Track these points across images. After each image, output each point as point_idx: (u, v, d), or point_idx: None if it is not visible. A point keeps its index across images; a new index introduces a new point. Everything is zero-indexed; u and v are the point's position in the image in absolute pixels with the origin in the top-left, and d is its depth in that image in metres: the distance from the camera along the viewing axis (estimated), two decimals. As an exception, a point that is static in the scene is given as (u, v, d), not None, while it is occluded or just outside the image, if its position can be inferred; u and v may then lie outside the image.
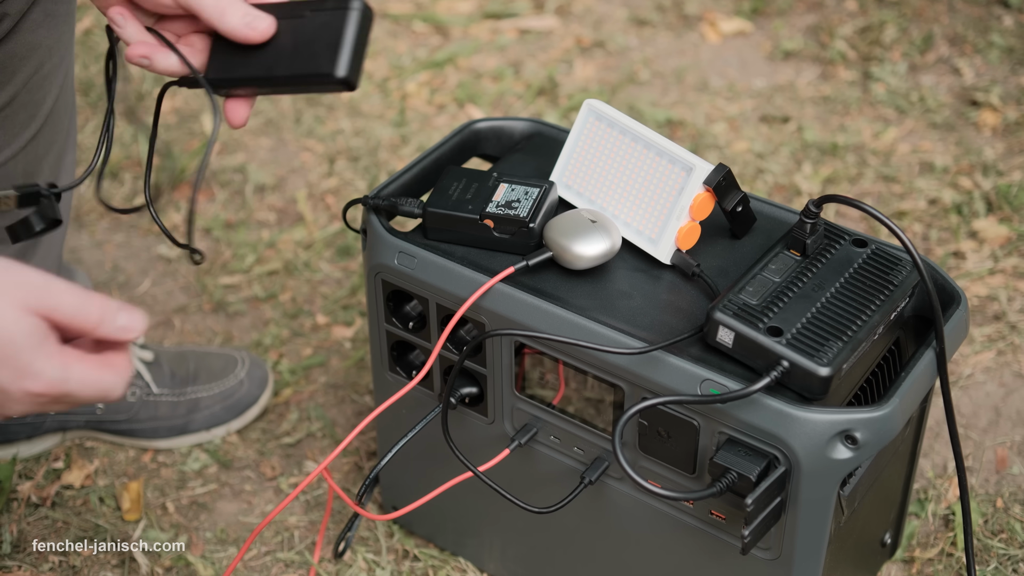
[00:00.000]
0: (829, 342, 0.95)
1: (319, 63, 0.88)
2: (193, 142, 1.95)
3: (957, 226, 1.72)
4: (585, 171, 1.12)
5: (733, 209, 1.07)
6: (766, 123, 1.97)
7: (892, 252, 1.04)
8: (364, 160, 1.90)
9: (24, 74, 1.13)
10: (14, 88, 1.13)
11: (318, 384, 1.53)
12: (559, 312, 1.02)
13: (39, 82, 1.15)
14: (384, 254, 1.11)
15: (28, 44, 1.11)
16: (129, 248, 1.75)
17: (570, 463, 1.11)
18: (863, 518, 1.12)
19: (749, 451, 0.96)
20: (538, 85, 2.05)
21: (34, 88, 1.15)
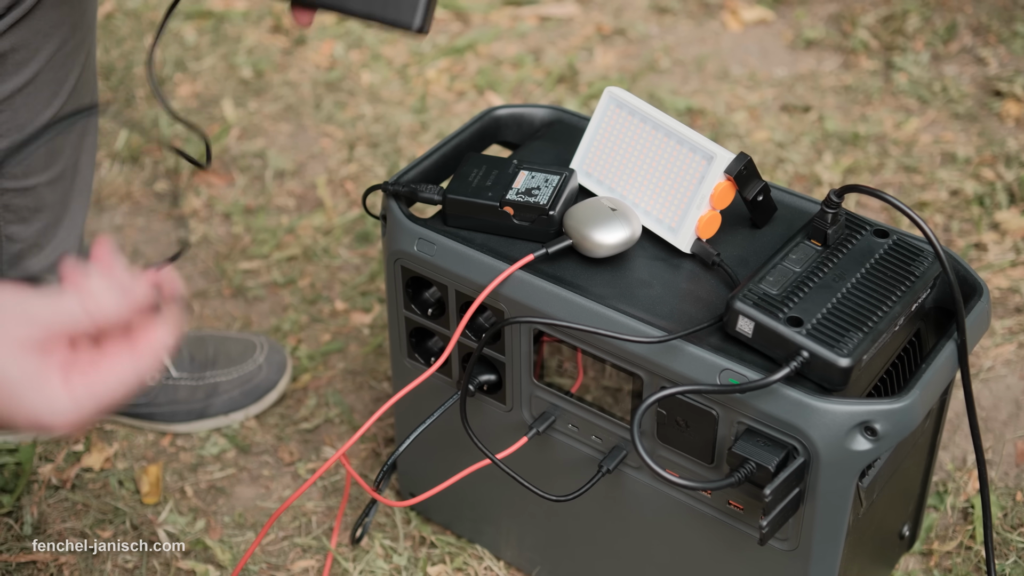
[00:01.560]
0: (849, 333, 0.94)
1: (399, 12, 0.95)
2: (213, 127, 1.95)
3: (979, 217, 1.71)
4: (605, 159, 1.11)
5: (754, 198, 1.07)
6: (787, 112, 1.96)
7: (913, 243, 1.03)
8: (384, 146, 1.90)
9: (47, 51, 1.13)
10: (37, 65, 1.13)
11: (336, 370, 1.53)
12: (578, 300, 1.02)
13: (62, 60, 1.16)
14: (404, 240, 1.11)
15: (52, 21, 1.12)
16: (149, 232, 1.76)
17: (588, 451, 1.11)
18: (881, 510, 1.12)
19: (768, 441, 0.96)
20: (558, 72, 2.05)
21: (57, 65, 1.15)
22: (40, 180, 1.21)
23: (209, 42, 2.16)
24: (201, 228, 1.76)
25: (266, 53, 2.13)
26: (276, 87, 2.05)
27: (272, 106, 2.01)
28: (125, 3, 2.26)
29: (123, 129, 1.85)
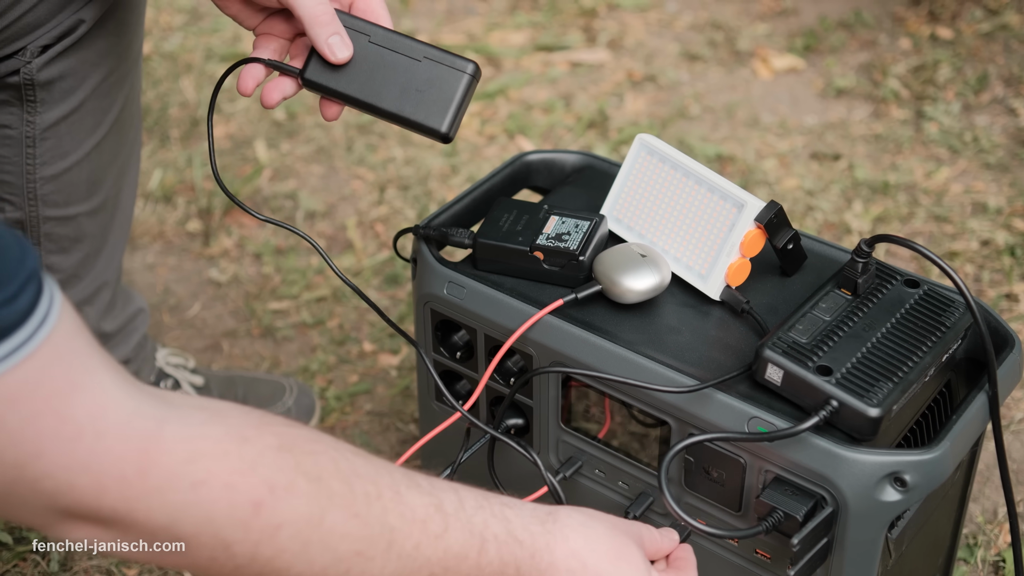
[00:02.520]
0: (879, 383, 0.94)
1: (429, 115, 0.98)
2: (246, 168, 1.97)
3: (1010, 268, 1.70)
4: (636, 205, 1.12)
5: (784, 246, 1.07)
6: (817, 160, 1.96)
7: (944, 293, 1.03)
8: (414, 189, 1.92)
9: (94, 80, 1.15)
10: (84, 93, 1.15)
11: (363, 411, 1.53)
12: (607, 346, 1.02)
13: (107, 89, 1.18)
14: (434, 283, 1.11)
15: (100, 50, 1.14)
16: (181, 271, 1.77)
17: (615, 497, 1.10)
18: (911, 562, 1.11)
19: (796, 490, 0.95)
20: (588, 118, 2.06)
21: (102, 94, 1.17)
22: (81, 210, 1.23)
23: (243, 84, 2.18)
24: (232, 268, 1.77)
25: (298, 96, 2.15)
26: (308, 129, 2.07)
27: (304, 148, 2.02)
28: (162, 46, 2.29)
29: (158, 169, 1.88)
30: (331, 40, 0.97)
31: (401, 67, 0.98)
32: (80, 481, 0.66)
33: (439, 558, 0.79)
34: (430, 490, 0.81)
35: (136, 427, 0.67)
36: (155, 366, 1.43)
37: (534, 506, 0.88)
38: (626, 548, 0.88)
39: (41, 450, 0.65)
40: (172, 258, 1.80)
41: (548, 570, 0.85)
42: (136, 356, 1.39)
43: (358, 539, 0.75)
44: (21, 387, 0.64)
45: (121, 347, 1.36)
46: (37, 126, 1.14)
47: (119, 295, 1.35)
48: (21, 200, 1.18)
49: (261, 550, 0.72)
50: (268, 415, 0.76)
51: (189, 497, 0.69)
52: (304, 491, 0.73)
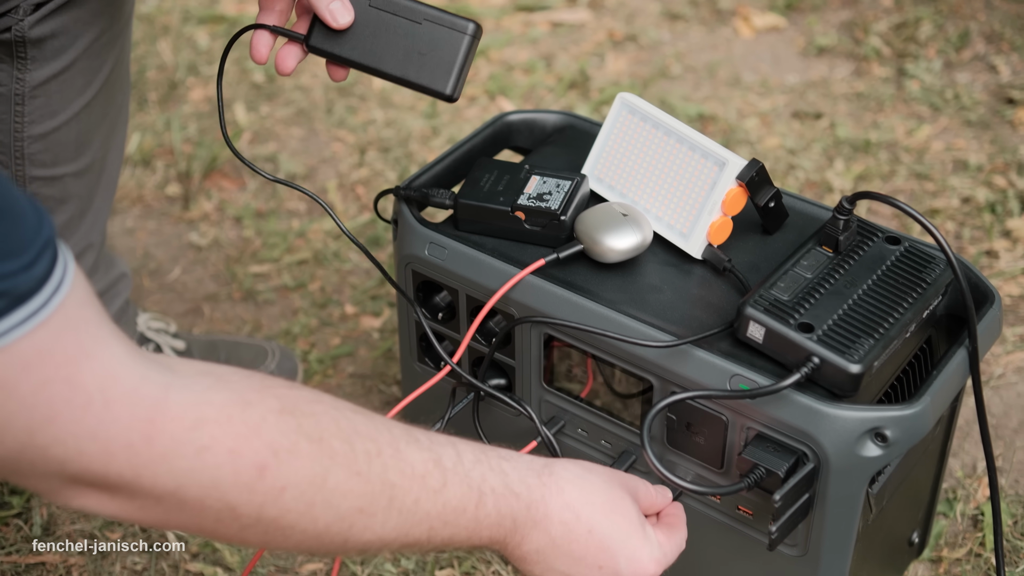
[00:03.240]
0: (860, 339, 0.94)
1: (433, 78, 1.00)
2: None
3: (990, 225, 1.71)
4: (617, 164, 1.12)
5: (765, 205, 1.07)
6: (798, 119, 1.96)
7: (925, 250, 1.03)
8: (395, 151, 1.91)
9: (86, 39, 1.15)
10: (75, 52, 1.15)
11: (346, 374, 1.53)
12: (589, 305, 1.02)
13: (98, 49, 1.17)
14: (415, 245, 1.11)
15: (93, 10, 1.13)
16: (160, 235, 1.76)
17: (597, 456, 1.11)
18: (891, 517, 1.12)
19: (778, 447, 0.96)
20: (570, 78, 2.05)
21: (93, 54, 1.17)
22: (68, 170, 1.22)
23: (221, 46, 2.16)
24: (212, 231, 1.76)
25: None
26: (288, 92, 2.05)
27: (284, 111, 2.01)
28: (139, 8, 2.26)
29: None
30: (332, 6, 0.99)
31: (403, 30, 0.99)
32: (89, 448, 0.67)
33: (438, 512, 0.80)
34: (428, 445, 0.82)
35: (143, 395, 0.68)
36: (136, 330, 1.42)
37: (530, 459, 0.89)
38: (621, 501, 0.89)
39: (52, 416, 0.65)
40: (151, 222, 1.79)
41: (543, 521, 0.86)
42: (118, 321, 1.38)
43: (360, 496, 0.76)
44: (34, 353, 0.64)
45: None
46: (27, 84, 1.13)
47: (102, 259, 1.34)
48: (8, 159, 1.18)
49: (266, 511, 0.73)
50: (269, 378, 0.77)
51: (194, 463, 0.70)
52: (307, 452, 0.74)
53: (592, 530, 0.87)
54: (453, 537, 0.82)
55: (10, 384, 0.64)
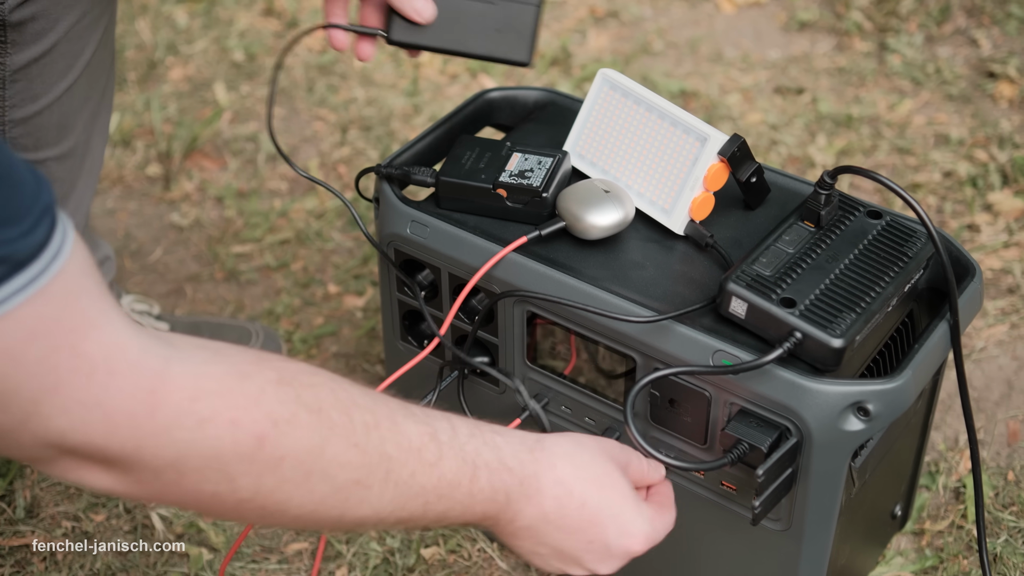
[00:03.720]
0: (842, 314, 0.95)
1: (511, 50, 1.09)
2: (205, 111, 1.95)
3: (972, 199, 1.71)
4: (599, 141, 1.11)
5: (747, 180, 1.06)
6: (780, 94, 1.95)
7: (907, 224, 1.03)
8: (376, 129, 1.90)
9: (67, 22, 1.14)
10: (56, 35, 1.13)
11: (329, 353, 1.53)
12: (571, 282, 1.02)
13: (80, 32, 1.16)
14: (397, 223, 1.11)
15: None
16: (141, 216, 1.75)
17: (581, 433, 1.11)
18: (874, 490, 1.12)
19: (761, 422, 0.96)
20: (551, 55, 2.04)
21: (74, 38, 1.15)
22: (50, 154, 1.21)
23: (201, 25, 2.15)
24: (193, 212, 1.75)
25: (258, 36, 2.12)
26: (268, 71, 2.04)
27: (264, 89, 2.00)
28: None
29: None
30: (417, 4, 1.04)
31: (478, 12, 1.07)
32: (92, 418, 0.67)
33: (433, 485, 0.81)
34: (425, 419, 0.82)
35: (145, 366, 0.68)
36: (118, 312, 1.42)
37: (523, 434, 0.89)
38: (612, 475, 0.90)
39: (57, 385, 0.65)
40: (132, 203, 1.78)
41: (535, 496, 0.86)
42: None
43: (357, 468, 0.76)
44: (39, 321, 0.64)
45: None
46: (7, 68, 1.12)
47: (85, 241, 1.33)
48: None
49: (264, 482, 0.73)
50: (265, 352, 0.78)
51: (195, 435, 0.70)
52: (305, 423, 0.74)
53: (584, 504, 0.88)
54: (447, 512, 0.83)
55: (16, 352, 0.63)
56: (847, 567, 1.15)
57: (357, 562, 1.27)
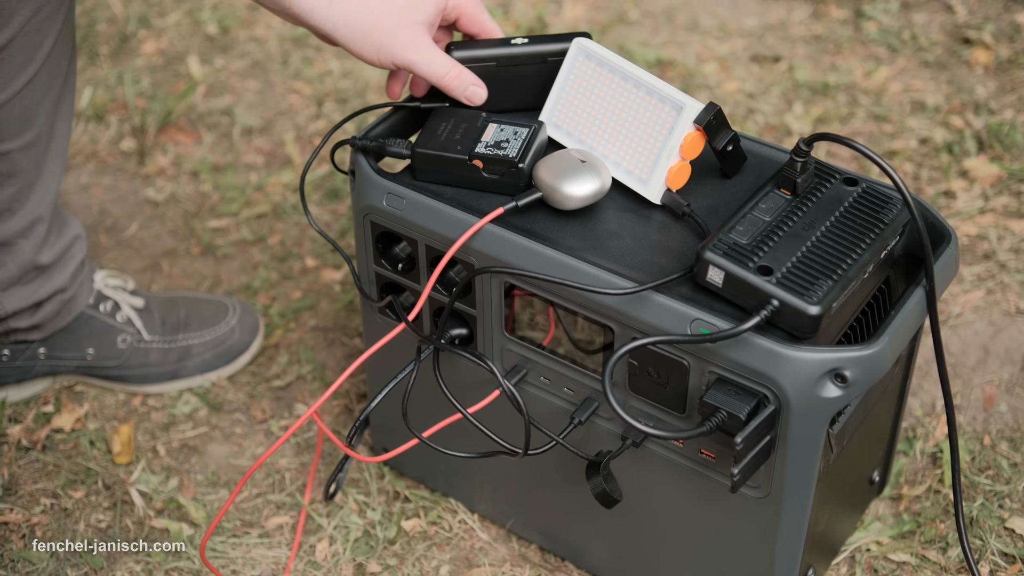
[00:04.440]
0: (819, 281, 0.95)
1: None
2: (179, 84, 1.93)
3: (948, 165, 1.72)
4: (574, 111, 1.11)
5: (723, 148, 1.06)
6: (757, 63, 1.95)
7: (883, 191, 1.03)
8: (352, 102, 1.89)
9: (22, 17, 1.12)
10: (11, 31, 1.12)
11: (308, 327, 1.53)
12: (548, 252, 1.02)
13: (37, 25, 1.14)
14: (372, 195, 1.10)
15: None
16: (116, 191, 1.74)
17: (560, 404, 1.11)
18: (852, 456, 1.13)
19: (739, 390, 0.96)
20: (527, 25, 2.03)
21: (31, 31, 1.14)
22: (13, 146, 1.20)
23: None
24: (169, 186, 1.74)
25: (231, 9, 2.10)
26: (242, 43, 2.03)
27: (239, 62, 1.98)
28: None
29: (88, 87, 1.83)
30: (468, 93, 1.11)
31: (531, 73, 1.14)
32: None
33: None
34: None
35: None
36: (93, 288, 1.41)
37: None
38: None
39: None
40: (107, 178, 1.76)
41: None
42: (72, 283, 1.37)
43: None
44: None
45: (58, 276, 1.34)
46: None
47: (54, 227, 1.32)
48: None
49: None
50: None
51: None
52: None
53: None
54: None
55: None
56: (826, 533, 1.15)
57: (338, 535, 1.27)
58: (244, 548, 1.27)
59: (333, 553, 1.26)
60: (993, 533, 1.26)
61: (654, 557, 1.15)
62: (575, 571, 1.24)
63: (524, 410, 1.04)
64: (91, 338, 1.40)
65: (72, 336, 1.39)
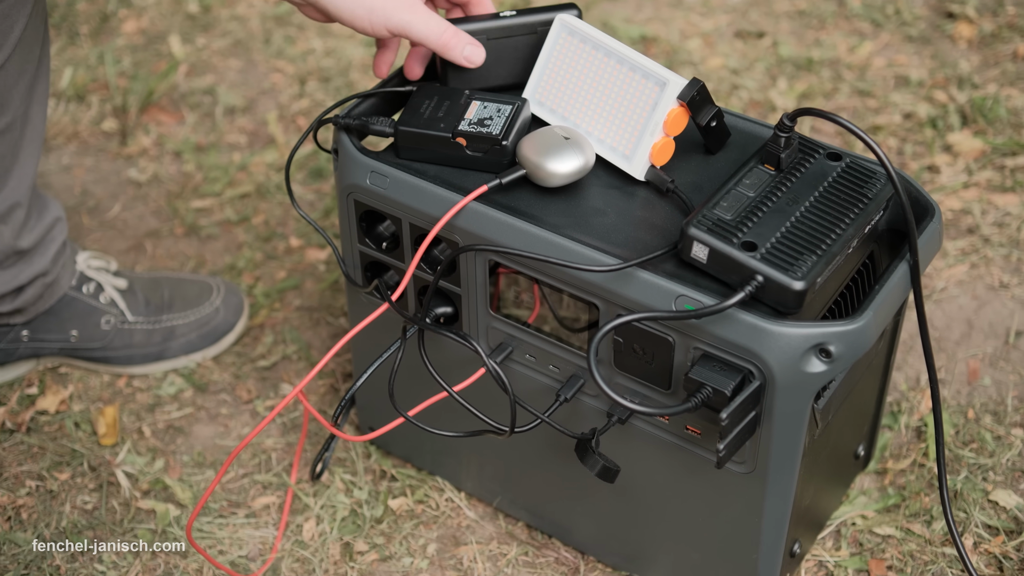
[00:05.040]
0: (803, 256, 0.95)
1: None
2: (161, 64, 1.92)
3: (932, 140, 1.72)
4: (558, 87, 1.10)
5: (707, 124, 1.06)
6: (741, 39, 1.95)
7: (866, 165, 1.03)
8: (335, 80, 1.88)
9: None
10: None
11: (292, 307, 1.52)
12: (533, 230, 1.02)
13: (5, 11, 1.13)
14: (356, 174, 1.10)
15: None
16: (98, 172, 1.73)
17: (546, 381, 1.11)
18: (837, 431, 1.13)
19: (724, 366, 0.96)
20: (510, 2, 2.02)
21: (0, 17, 1.13)
22: None
23: (153, -24, 2.11)
24: (151, 167, 1.73)
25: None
26: (224, 22, 2.01)
27: (220, 41, 1.97)
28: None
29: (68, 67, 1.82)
30: (467, 53, 1.09)
31: (523, 44, 1.13)
32: None
33: None
34: None
35: None
36: (75, 270, 1.40)
37: None
38: None
39: None
40: (88, 159, 1.75)
41: None
42: (54, 266, 1.36)
43: None
44: None
45: (39, 260, 1.33)
46: None
47: (33, 211, 1.31)
48: None
49: None
50: None
51: None
52: None
53: None
54: None
55: None
56: (811, 507, 1.16)
57: (325, 514, 1.27)
58: (231, 528, 1.27)
59: (320, 532, 1.26)
60: (977, 506, 1.26)
61: (640, 533, 1.16)
62: (562, 548, 1.25)
63: (509, 389, 1.04)
64: (74, 320, 1.39)
65: (55, 318, 1.39)
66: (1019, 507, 1.26)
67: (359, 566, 1.23)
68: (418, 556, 1.24)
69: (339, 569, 1.23)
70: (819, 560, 1.22)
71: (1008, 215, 1.60)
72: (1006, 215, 1.60)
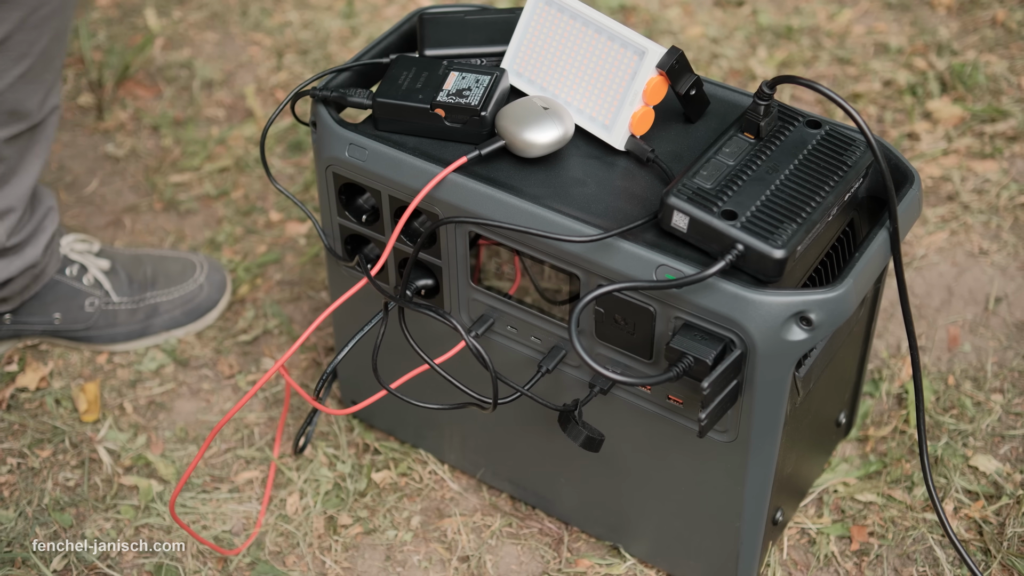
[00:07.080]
0: (783, 224, 0.95)
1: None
2: (136, 37, 1.90)
3: (911, 107, 1.72)
4: (536, 58, 1.10)
5: (687, 93, 1.06)
6: (720, 7, 1.94)
7: (846, 133, 1.03)
8: (313, 53, 1.87)
9: (20, 13, 1.13)
10: (8, 26, 1.13)
11: (273, 281, 1.52)
12: (513, 201, 1.02)
13: (36, 23, 1.15)
14: (335, 146, 1.09)
15: None
16: (75, 147, 1.72)
17: (527, 352, 1.11)
18: (818, 399, 1.14)
19: (705, 335, 0.97)
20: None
21: (30, 28, 1.15)
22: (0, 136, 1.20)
23: (128, -51, 2.09)
24: (129, 141, 1.72)
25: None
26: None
27: (197, 14, 1.96)
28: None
29: None
30: None
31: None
32: None
33: None
34: None
35: None
36: (59, 255, 1.39)
37: None
38: None
39: None
40: (65, 134, 1.74)
41: None
42: (44, 257, 1.35)
43: None
44: None
45: (30, 251, 1.32)
46: None
47: (28, 207, 1.31)
48: None
49: None
50: None
51: None
52: None
53: None
54: None
55: None
56: (794, 475, 1.16)
57: (308, 488, 1.27)
58: (214, 503, 1.27)
59: (304, 506, 1.26)
60: (957, 471, 1.27)
61: (623, 503, 1.16)
62: (545, 519, 1.25)
63: (490, 365, 1.04)
64: (58, 303, 1.38)
65: (39, 302, 1.38)
66: (999, 472, 1.27)
67: (343, 539, 1.23)
68: (402, 529, 1.25)
69: (323, 543, 1.23)
70: (801, 527, 1.23)
71: (987, 182, 1.61)
72: (985, 182, 1.61)
